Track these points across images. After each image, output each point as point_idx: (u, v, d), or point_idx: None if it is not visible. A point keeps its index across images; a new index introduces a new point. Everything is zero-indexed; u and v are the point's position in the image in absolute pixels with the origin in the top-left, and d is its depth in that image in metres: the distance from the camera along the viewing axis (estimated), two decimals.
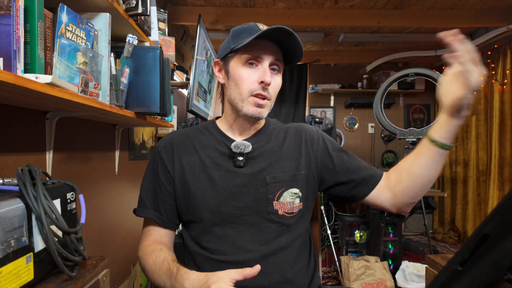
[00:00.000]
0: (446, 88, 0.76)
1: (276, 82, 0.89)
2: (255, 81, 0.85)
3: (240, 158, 0.88)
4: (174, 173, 0.92)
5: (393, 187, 0.91)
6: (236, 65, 0.88)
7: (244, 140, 0.91)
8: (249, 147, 0.88)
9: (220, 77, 0.94)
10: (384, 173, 0.95)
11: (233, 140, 0.91)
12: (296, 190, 0.90)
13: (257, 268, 0.68)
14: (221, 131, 0.95)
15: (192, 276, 0.74)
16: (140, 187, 0.96)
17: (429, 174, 0.84)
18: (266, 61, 0.86)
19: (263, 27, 0.85)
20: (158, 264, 0.82)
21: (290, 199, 0.89)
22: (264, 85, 0.85)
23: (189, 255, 0.93)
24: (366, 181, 0.93)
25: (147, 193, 0.94)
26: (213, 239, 0.88)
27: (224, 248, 0.86)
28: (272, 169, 0.90)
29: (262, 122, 0.98)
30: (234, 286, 0.67)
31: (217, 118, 1.00)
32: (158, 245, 0.89)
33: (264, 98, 0.86)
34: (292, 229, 0.90)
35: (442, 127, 0.79)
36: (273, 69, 0.88)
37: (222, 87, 0.97)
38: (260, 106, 0.86)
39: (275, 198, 0.88)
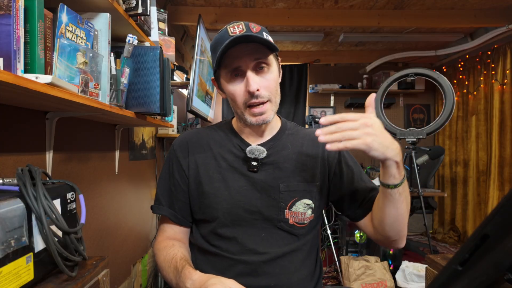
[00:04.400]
0: None
1: (267, 80, 0.85)
2: (245, 92, 0.84)
3: (254, 163, 0.88)
4: (188, 172, 0.92)
5: (372, 221, 0.90)
6: (224, 82, 0.88)
7: (259, 144, 0.91)
8: (263, 153, 0.87)
9: (220, 92, 0.94)
10: None
11: (248, 144, 0.91)
12: (309, 201, 0.89)
13: None
14: (237, 133, 0.95)
15: (194, 277, 0.74)
16: (157, 184, 0.98)
17: (388, 213, 0.81)
18: (247, 68, 0.83)
19: (233, 28, 0.81)
20: (168, 261, 0.84)
21: (302, 210, 0.89)
22: (252, 94, 0.83)
23: (197, 250, 0.94)
24: (363, 206, 0.92)
25: (162, 191, 0.95)
26: (223, 239, 0.88)
27: (234, 249, 0.87)
28: (287, 178, 0.89)
29: (277, 126, 0.96)
30: (242, 285, 0.70)
31: (233, 118, 1.00)
32: (171, 241, 0.91)
33: (259, 104, 0.84)
34: (302, 238, 0.90)
35: (381, 169, 0.79)
36: (260, 68, 0.84)
37: None
38: (259, 114, 0.85)
39: (287, 207, 0.88)
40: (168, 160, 0.97)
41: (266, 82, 0.85)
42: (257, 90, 0.82)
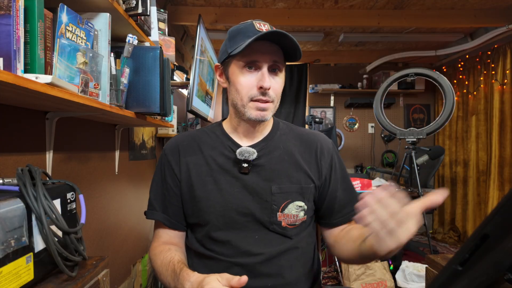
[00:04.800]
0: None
1: (277, 83, 0.87)
2: (254, 86, 0.84)
3: (245, 165, 0.87)
4: (180, 175, 0.92)
5: (334, 240, 0.93)
6: (235, 70, 0.86)
7: (251, 145, 0.90)
8: (254, 155, 0.87)
9: (221, 81, 0.93)
10: (346, 224, 0.95)
11: (239, 145, 0.91)
12: (301, 203, 0.89)
13: (244, 279, 0.67)
14: (227, 134, 0.94)
15: (192, 278, 0.74)
16: (150, 189, 0.97)
17: (356, 259, 0.84)
18: (264, 64, 0.84)
19: (259, 25, 0.83)
20: (165, 265, 0.84)
21: (295, 212, 0.88)
22: (263, 90, 0.83)
23: (194, 254, 0.93)
24: (338, 218, 0.94)
25: (155, 195, 0.95)
26: (217, 243, 0.88)
27: (228, 251, 0.87)
28: (279, 179, 0.88)
29: (269, 127, 0.96)
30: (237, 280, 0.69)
31: (223, 119, 1.00)
32: (166, 246, 0.90)
33: (265, 102, 0.85)
34: (295, 238, 0.90)
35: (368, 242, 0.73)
36: (273, 70, 0.86)
37: (225, 90, 0.96)
38: (262, 109, 0.85)
39: (280, 209, 0.87)
40: (159, 164, 0.96)
41: (276, 84, 0.86)
42: (269, 88, 0.84)
